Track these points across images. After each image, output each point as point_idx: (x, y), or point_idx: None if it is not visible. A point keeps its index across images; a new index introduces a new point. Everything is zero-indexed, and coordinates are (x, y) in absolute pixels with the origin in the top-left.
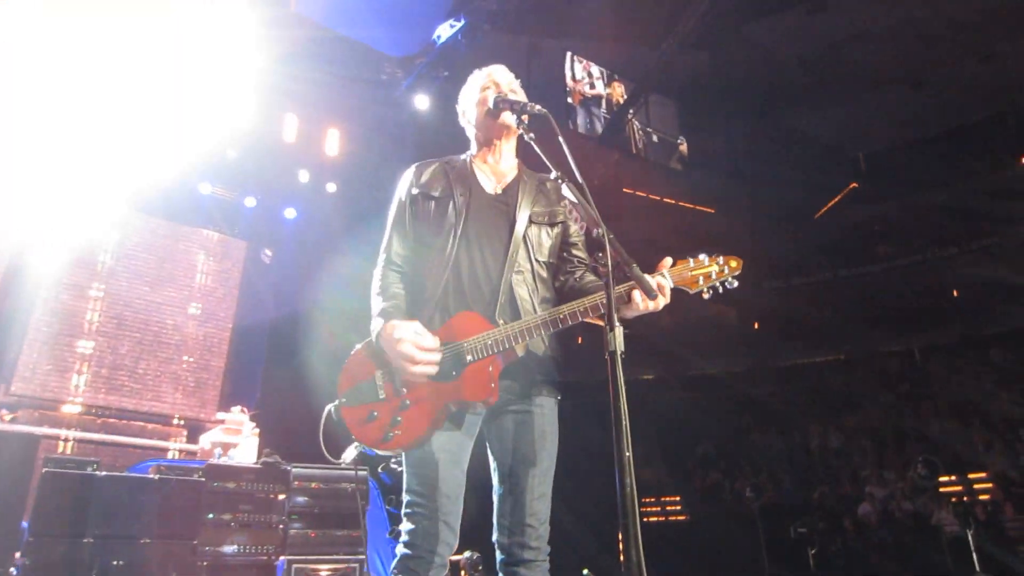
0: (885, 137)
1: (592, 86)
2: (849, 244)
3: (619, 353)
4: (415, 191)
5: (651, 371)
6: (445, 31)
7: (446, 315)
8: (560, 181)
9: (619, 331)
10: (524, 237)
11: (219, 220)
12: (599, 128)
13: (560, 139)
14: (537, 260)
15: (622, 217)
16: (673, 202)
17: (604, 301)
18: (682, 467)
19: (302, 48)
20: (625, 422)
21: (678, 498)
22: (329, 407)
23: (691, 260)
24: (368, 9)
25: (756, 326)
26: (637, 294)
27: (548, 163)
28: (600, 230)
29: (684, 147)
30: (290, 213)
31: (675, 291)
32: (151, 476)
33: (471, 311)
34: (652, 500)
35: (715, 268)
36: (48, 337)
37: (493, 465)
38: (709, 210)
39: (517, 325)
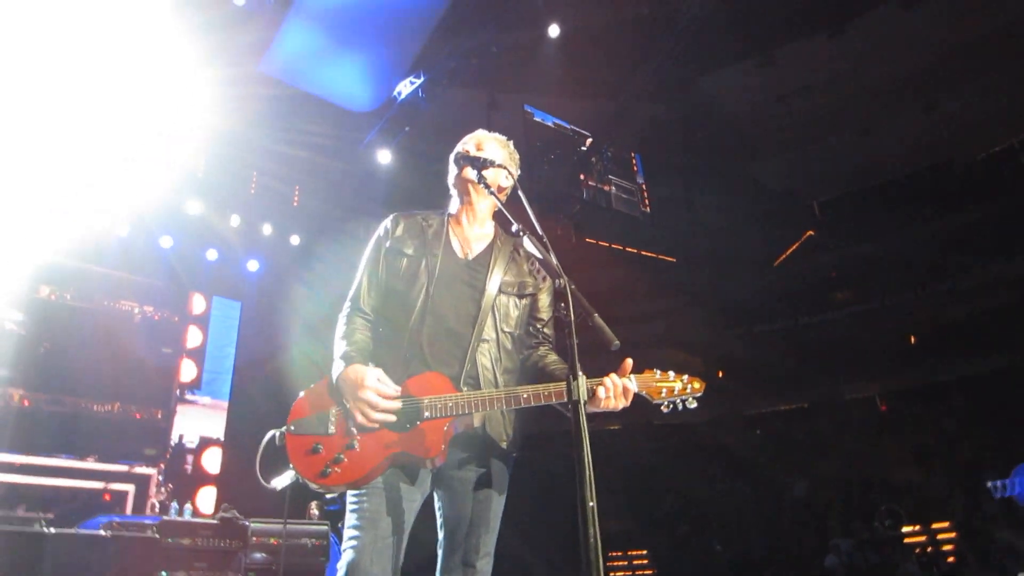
0: (837, 185)
1: (553, 140)
2: (809, 291)
3: (582, 402)
4: (389, 243)
5: (617, 421)
6: (406, 87)
7: (407, 372)
8: (520, 234)
9: (582, 380)
10: (492, 306)
11: (179, 273)
12: (561, 179)
13: (519, 193)
14: (503, 330)
15: (586, 267)
16: (635, 251)
17: (562, 390)
18: (650, 519)
19: (266, 105)
20: (589, 471)
21: (644, 551)
22: (274, 432)
23: (657, 372)
24: (330, 68)
25: (720, 374)
26: (601, 390)
27: (509, 217)
28: (561, 280)
29: (646, 197)
30: (253, 265)
31: (636, 397)
32: (102, 533)
33: (436, 372)
34: (619, 554)
35: (679, 384)
36: None
37: (439, 521)
38: (670, 259)
39: (478, 395)
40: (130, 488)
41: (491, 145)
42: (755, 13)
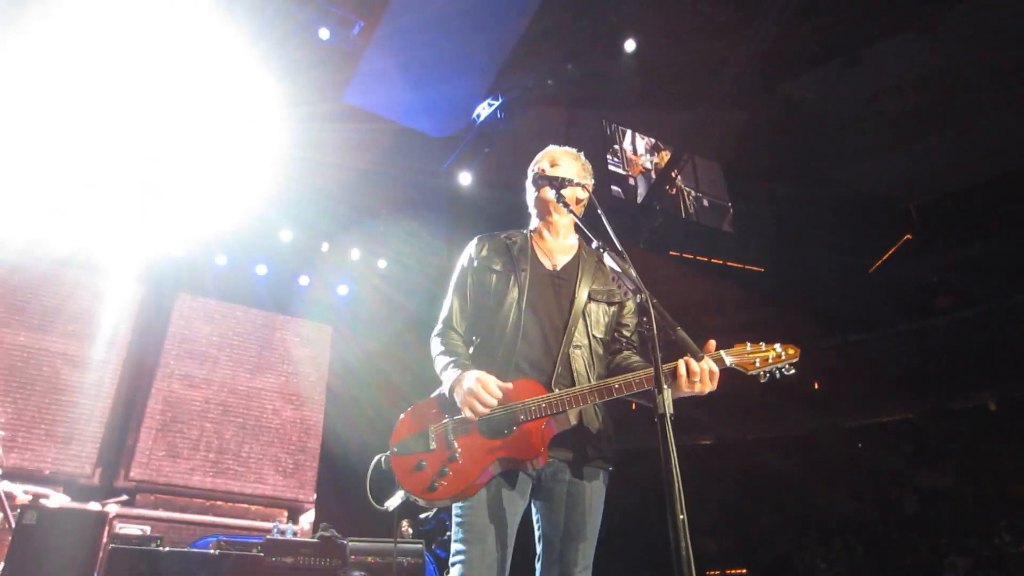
0: (935, 187)
1: (633, 154)
2: (909, 297)
3: (668, 415)
4: (476, 263)
5: (710, 436)
6: (484, 110)
7: (505, 380)
8: (601, 250)
9: (667, 393)
10: (583, 313)
11: (273, 302)
12: (643, 193)
13: (598, 210)
14: (594, 336)
15: (670, 281)
16: (721, 262)
17: (666, 373)
18: (747, 536)
19: (352, 135)
20: (678, 484)
21: (744, 570)
22: (379, 456)
23: (749, 344)
24: (411, 94)
25: (816, 386)
26: (682, 366)
27: (588, 233)
28: (643, 295)
29: (730, 206)
30: (343, 290)
31: (729, 372)
32: (211, 551)
33: (529, 378)
34: (717, 573)
35: (772, 353)
36: (161, 424)
37: (538, 534)
38: (758, 269)
39: (570, 391)
40: None
41: (565, 160)
42: (838, 12)
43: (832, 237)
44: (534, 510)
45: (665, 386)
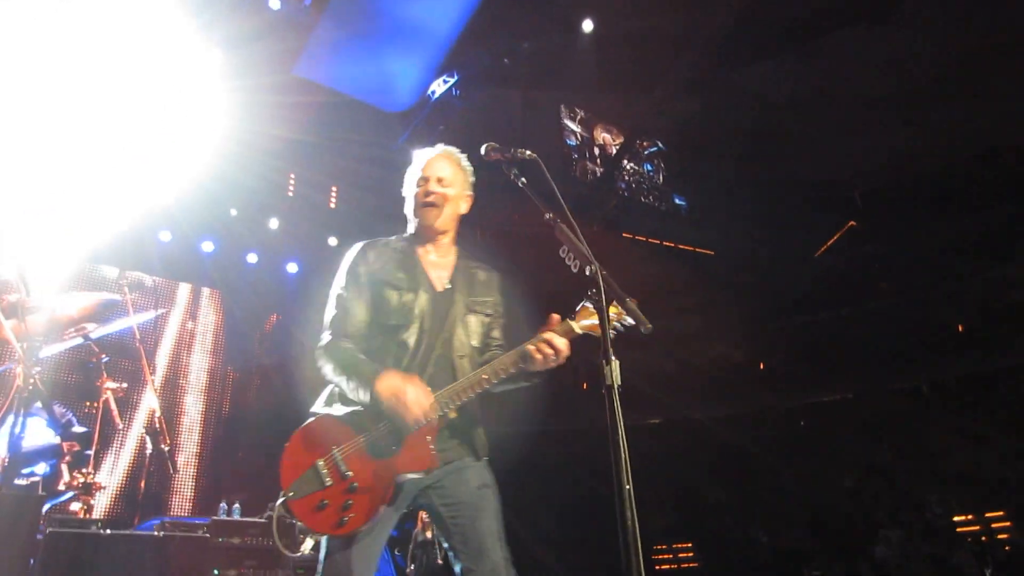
0: (879, 176)
1: (588, 135)
2: (851, 282)
3: (616, 387)
4: (371, 275)
5: (656, 416)
6: (439, 87)
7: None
8: (553, 222)
9: (615, 365)
10: (464, 323)
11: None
12: (597, 174)
13: (551, 182)
14: (473, 346)
15: (622, 263)
16: (673, 245)
17: (521, 354)
18: (693, 513)
19: (302, 109)
20: (624, 455)
21: (689, 544)
22: (276, 504)
23: (588, 305)
24: (364, 68)
25: (762, 366)
26: (533, 349)
27: (541, 206)
28: (593, 266)
29: (681, 192)
30: (292, 268)
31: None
32: (155, 533)
33: None
34: (664, 547)
35: (615, 310)
36: None
37: (440, 528)
38: (709, 252)
39: (447, 391)
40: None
41: (445, 170)
42: (793, 4)
43: (781, 221)
44: (430, 512)
45: (613, 358)
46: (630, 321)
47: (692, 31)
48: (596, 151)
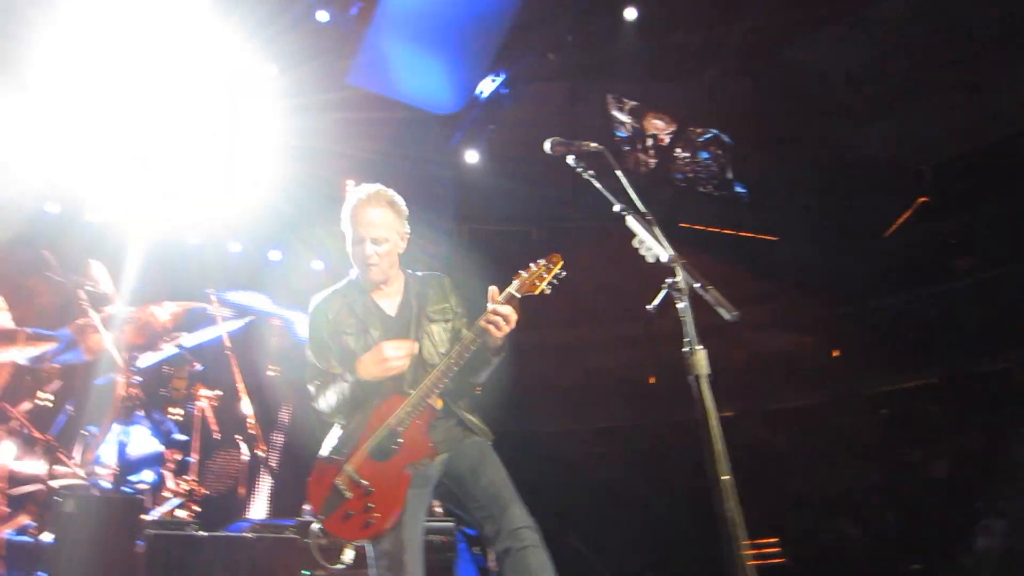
0: (950, 147)
1: (639, 125)
2: (926, 260)
3: (704, 375)
4: (329, 329)
5: (730, 408)
6: (487, 86)
7: (367, 416)
8: (624, 213)
9: (702, 353)
10: (427, 335)
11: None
12: (651, 165)
13: (618, 173)
14: (441, 353)
15: (682, 253)
16: (733, 233)
17: (476, 331)
18: (776, 506)
19: (356, 115)
20: (720, 445)
21: (776, 539)
22: (314, 530)
23: (523, 272)
24: (413, 73)
25: (835, 354)
26: (487, 324)
27: (610, 197)
28: (671, 254)
29: (739, 177)
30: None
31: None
32: (247, 535)
33: (390, 395)
34: (748, 543)
35: (543, 269)
36: None
37: (458, 507)
38: (772, 238)
39: (422, 387)
40: None
41: (378, 226)
42: None
43: (845, 202)
44: (448, 489)
45: (699, 346)
46: (562, 275)
47: (741, 8)
48: (648, 141)
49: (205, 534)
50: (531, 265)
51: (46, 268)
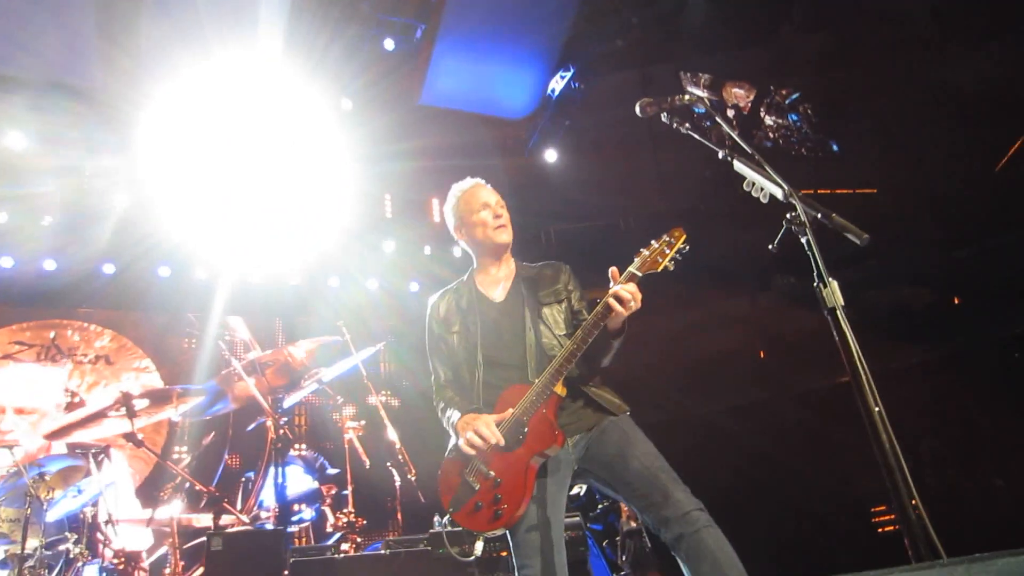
0: None
1: (718, 98)
2: None
3: (839, 308)
4: (438, 331)
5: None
6: (557, 84)
7: (492, 406)
8: (730, 158)
9: (834, 285)
10: (542, 319)
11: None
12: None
13: (717, 119)
14: (559, 335)
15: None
16: (829, 192)
17: (600, 314)
18: (910, 468)
19: (435, 136)
20: (867, 377)
21: (914, 502)
22: (443, 521)
23: (643, 250)
24: (484, 83)
25: (957, 301)
26: (615, 302)
27: (712, 146)
28: (785, 189)
29: (829, 134)
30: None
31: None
32: (382, 552)
33: (512, 385)
34: (883, 509)
35: (665, 245)
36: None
37: (614, 493)
38: (871, 191)
39: (547, 372)
40: None
41: (491, 194)
42: None
43: (946, 142)
44: (598, 484)
45: (830, 279)
46: (685, 249)
47: None
48: (731, 112)
49: (341, 556)
50: (652, 242)
51: (188, 326)
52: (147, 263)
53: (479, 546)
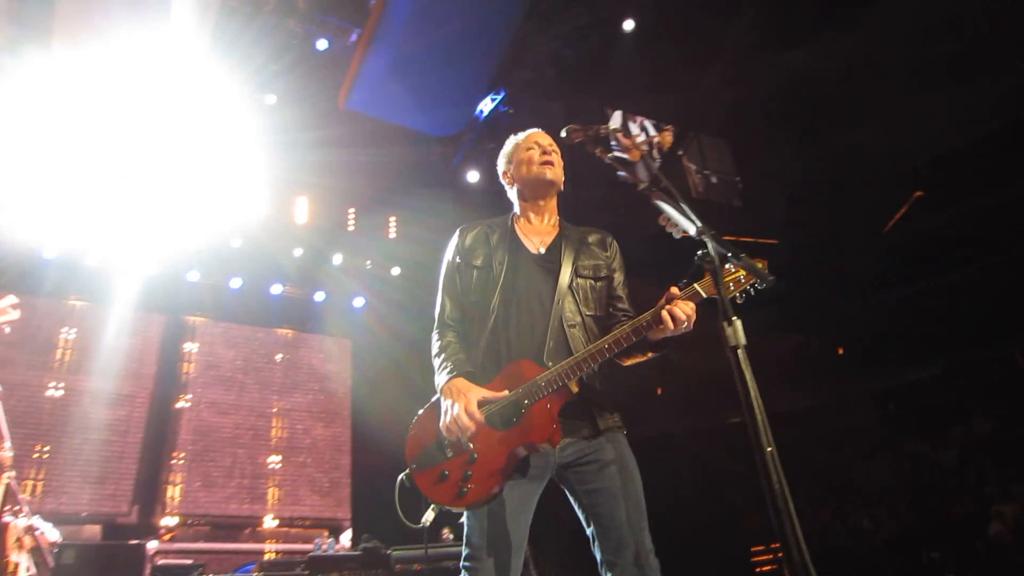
0: (943, 141)
1: (641, 138)
2: (926, 253)
3: (741, 346)
4: (459, 259)
5: (737, 415)
6: (487, 105)
7: (497, 370)
8: (649, 191)
9: (738, 324)
10: (571, 289)
11: (294, 318)
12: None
13: (640, 152)
14: (586, 314)
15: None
16: (734, 238)
17: (645, 323)
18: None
19: (355, 139)
20: (761, 416)
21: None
22: (401, 476)
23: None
24: (413, 96)
25: (841, 351)
26: (667, 315)
27: (632, 177)
28: (699, 227)
29: (739, 183)
30: (358, 302)
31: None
32: (255, 574)
33: (523, 359)
34: (762, 548)
35: (742, 274)
36: (194, 454)
37: (582, 514)
38: (772, 241)
39: (565, 363)
40: None
41: (549, 143)
42: None
43: (843, 202)
44: (571, 494)
45: (735, 317)
46: (762, 284)
47: (734, 17)
48: (650, 150)
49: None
50: (728, 265)
51: None
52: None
53: (430, 515)
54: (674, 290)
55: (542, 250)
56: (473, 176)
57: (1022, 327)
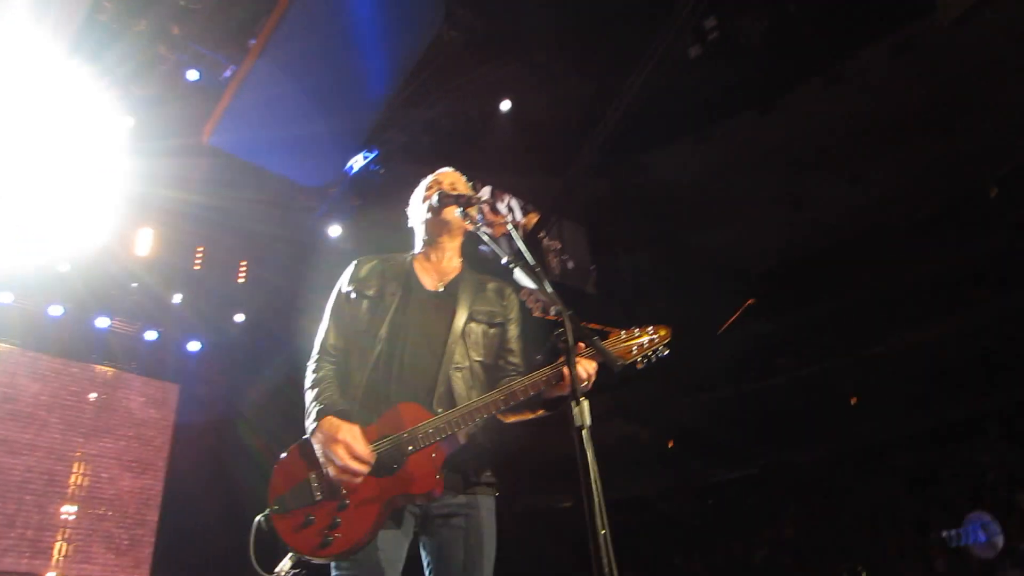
0: (775, 255)
1: (508, 217)
2: (752, 358)
3: (586, 427)
4: (351, 288)
5: (571, 498)
6: (358, 161)
7: (380, 408)
8: (512, 266)
9: (585, 405)
10: (463, 333)
11: (117, 355)
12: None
13: (509, 226)
14: (474, 359)
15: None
16: (583, 324)
17: (544, 378)
18: None
19: (215, 176)
20: (599, 500)
21: None
22: (259, 518)
23: (622, 332)
24: (283, 143)
25: (670, 444)
26: (566, 371)
27: (497, 250)
28: (558, 308)
29: (593, 271)
30: (194, 346)
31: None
32: None
33: (407, 403)
34: None
35: (646, 338)
36: None
37: (428, 571)
38: (616, 331)
39: (457, 411)
40: None
41: (461, 184)
42: (692, 92)
43: (685, 302)
44: (421, 547)
45: (583, 398)
46: (663, 352)
47: (601, 114)
48: (506, 231)
49: None
50: (634, 328)
51: None
52: None
53: (286, 564)
54: (581, 346)
55: (440, 288)
56: (335, 231)
57: (830, 434)
